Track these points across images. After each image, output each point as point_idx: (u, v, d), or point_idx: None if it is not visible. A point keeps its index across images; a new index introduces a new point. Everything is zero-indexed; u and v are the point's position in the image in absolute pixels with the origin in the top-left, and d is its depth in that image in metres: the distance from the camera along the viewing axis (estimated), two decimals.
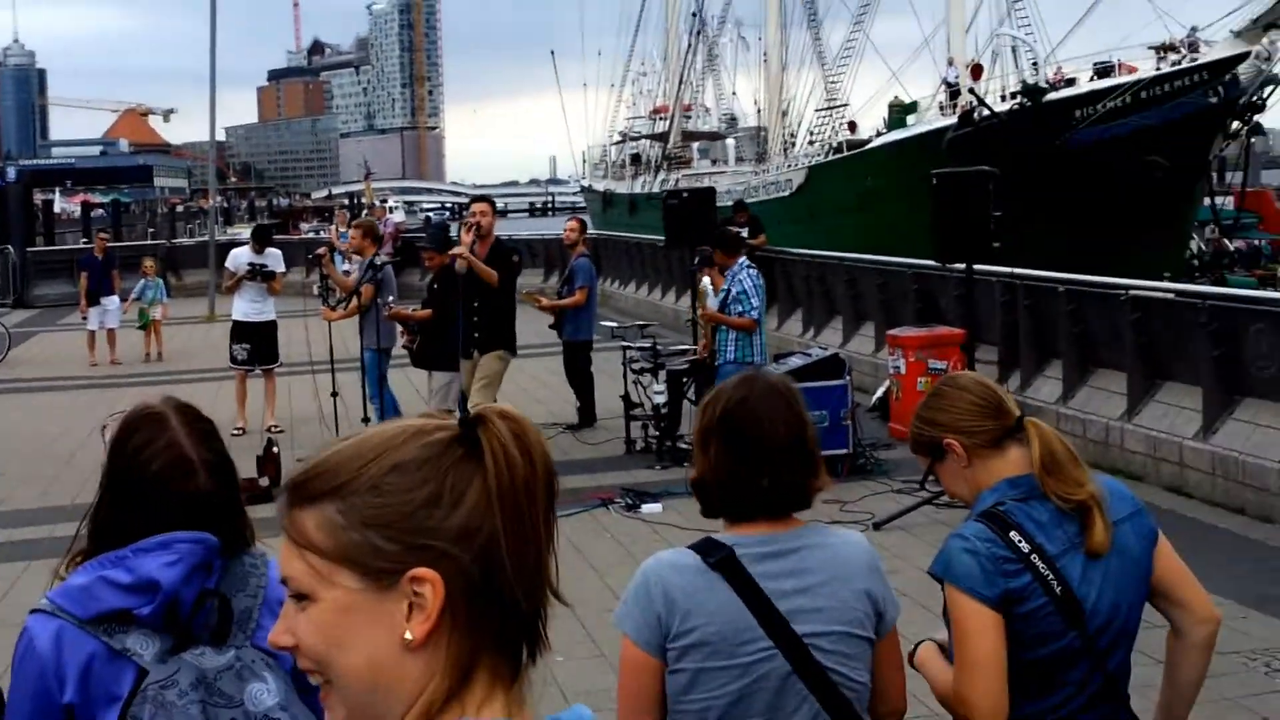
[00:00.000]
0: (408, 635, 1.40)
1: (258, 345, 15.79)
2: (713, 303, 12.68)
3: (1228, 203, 43.43)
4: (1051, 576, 3.12)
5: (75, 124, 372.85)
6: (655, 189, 67.30)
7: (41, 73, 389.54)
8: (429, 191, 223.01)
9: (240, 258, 15.97)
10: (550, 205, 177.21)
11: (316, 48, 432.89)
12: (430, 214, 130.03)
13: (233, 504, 2.70)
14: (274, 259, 15.99)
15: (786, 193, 49.71)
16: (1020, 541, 3.14)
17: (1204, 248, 43.97)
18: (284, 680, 2.55)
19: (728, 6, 71.12)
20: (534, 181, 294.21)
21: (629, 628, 3.04)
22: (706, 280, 12.90)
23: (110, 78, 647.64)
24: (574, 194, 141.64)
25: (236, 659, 2.49)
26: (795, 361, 12.79)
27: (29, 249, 37.02)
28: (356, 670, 1.42)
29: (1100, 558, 3.17)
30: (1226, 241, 46.45)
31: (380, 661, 1.42)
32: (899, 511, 10.81)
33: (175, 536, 2.50)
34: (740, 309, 11.91)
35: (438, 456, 1.43)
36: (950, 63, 42.31)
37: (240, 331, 15.85)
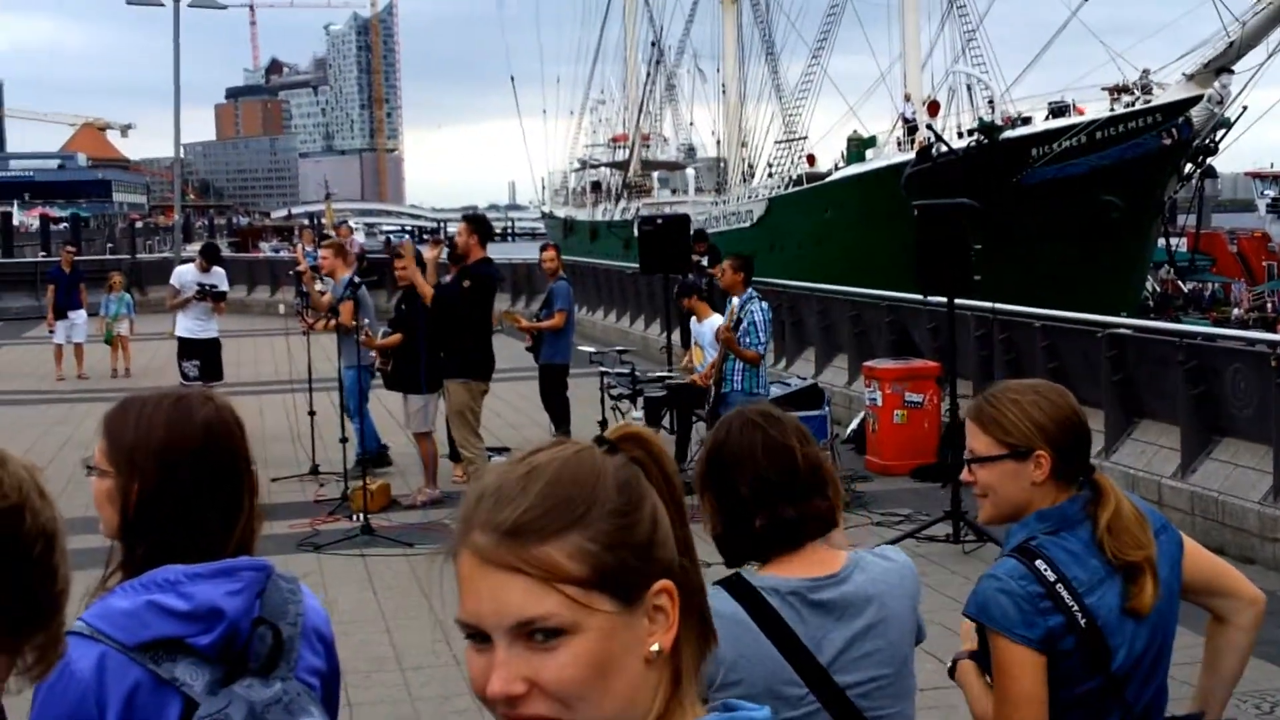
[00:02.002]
0: (655, 648, 1.44)
1: (205, 362, 15.79)
2: (701, 331, 12.74)
3: (1181, 244, 43.98)
4: (1080, 615, 3.07)
5: (32, 137, 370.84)
6: (616, 216, 67.48)
7: None
8: (388, 214, 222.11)
9: (185, 275, 16.05)
10: (510, 231, 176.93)
11: (274, 67, 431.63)
12: (390, 235, 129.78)
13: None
14: (220, 278, 16.11)
15: (747, 224, 49.99)
16: (1054, 580, 3.08)
17: (1157, 289, 44.54)
18: (325, 714, 2.49)
19: (685, 38, 71.50)
20: (493, 206, 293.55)
21: None
22: (735, 301, 12.69)
23: (67, 91, 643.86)
24: (534, 220, 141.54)
25: (284, 692, 2.40)
26: (774, 391, 12.88)
27: None
28: (619, 694, 1.42)
29: (1143, 616, 3.13)
30: (1180, 283, 47.07)
31: (634, 680, 1.44)
32: (880, 545, 10.88)
33: (238, 563, 2.43)
34: (749, 341, 11.97)
35: (631, 475, 1.48)
36: (907, 98, 42.79)
37: (187, 348, 15.87)
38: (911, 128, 40.36)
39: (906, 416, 13.86)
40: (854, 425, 15.18)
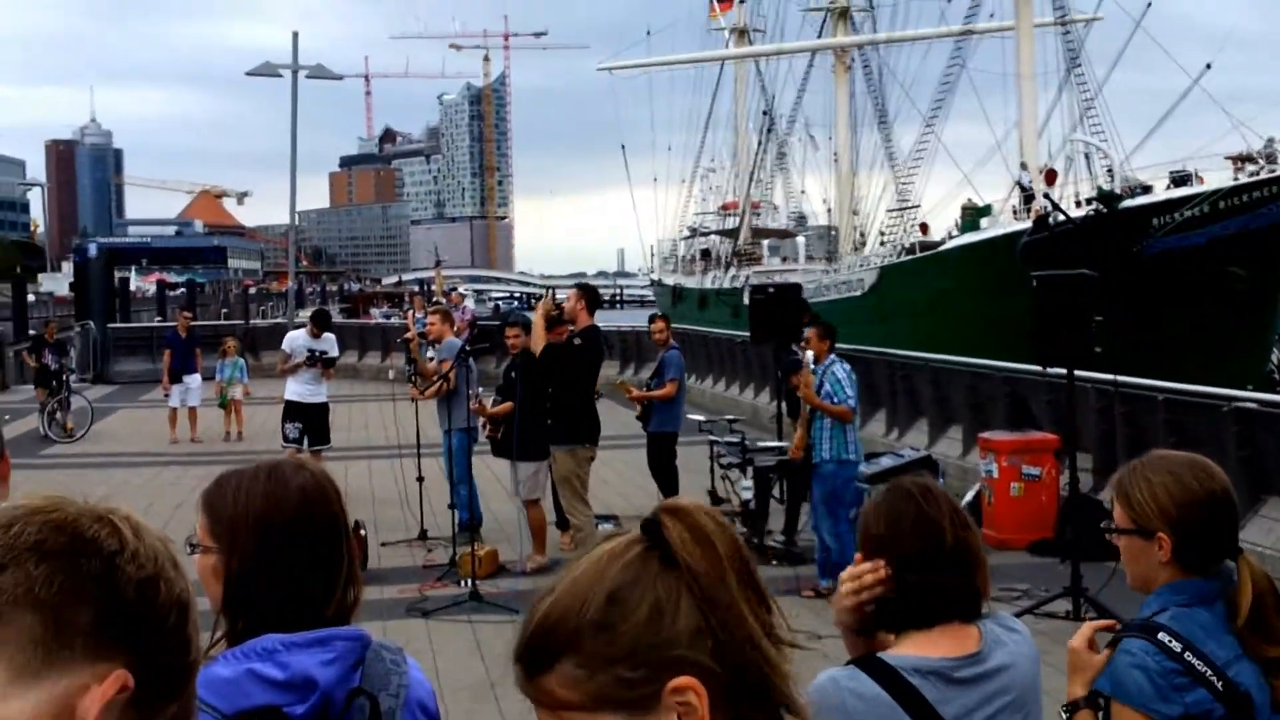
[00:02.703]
0: None
1: (309, 425, 15.91)
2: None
3: None
4: (1220, 682, 2.96)
5: (150, 204, 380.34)
6: (725, 284, 67.54)
7: (118, 152, 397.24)
8: (497, 280, 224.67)
9: (297, 340, 16.21)
10: (619, 298, 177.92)
11: (388, 135, 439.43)
12: (499, 302, 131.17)
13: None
14: (330, 344, 16.27)
15: (858, 292, 49.72)
16: (1180, 649, 2.99)
17: None
18: None
19: (797, 106, 71.61)
20: (601, 273, 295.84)
21: None
22: (809, 354, 12.46)
23: (184, 159, 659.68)
24: (642, 287, 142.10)
25: None
26: (886, 462, 12.66)
27: (110, 325, 37.55)
28: None
29: None
30: None
31: None
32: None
33: (333, 633, 2.43)
34: (836, 399, 11.76)
35: (640, 573, 1.47)
36: (1024, 167, 42.34)
37: (292, 411, 16.03)
38: (1028, 196, 39.90)
39: (1023, 489, 13.55)
40: (969, 497, 14.85)
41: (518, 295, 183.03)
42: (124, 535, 1.28)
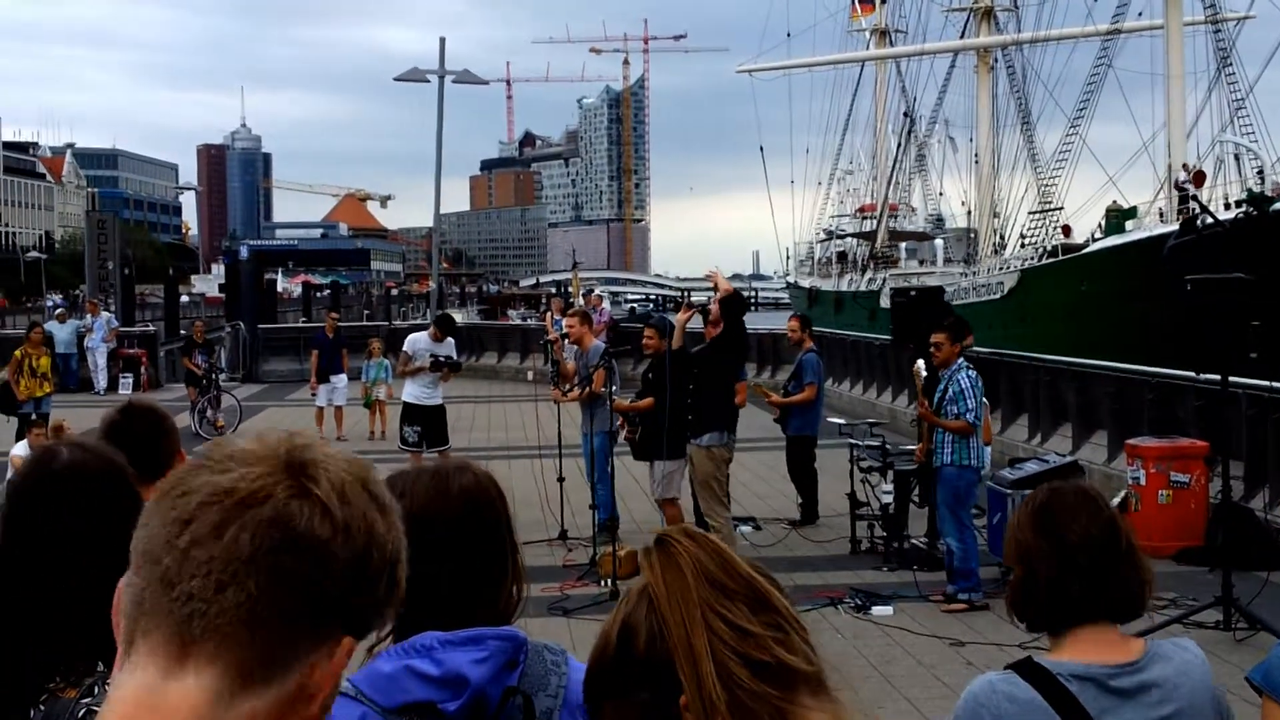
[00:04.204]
0: None
1: (428, 428, 16.07)
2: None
3: None
4: None
5: (297, 207, 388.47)
6: (862, 287, 67.02)
7: (266, 156, 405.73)
8: (633, 283, 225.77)
9: (419, 343, 16.39)
10: (754, 300, 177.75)
11: (528, 139, 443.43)
12: (635, 305, 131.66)
13: None
14: (451, 348, 16.44)
15: (997, 295, 49.02)
16: None
17: None
18: None
19: (938, 108, 70.79)
20: (736, 276, 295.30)
21: None
22: (920, 363, 12.42)
23: (330, 163, 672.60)
24: (778, 290, 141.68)
25: None
26: (1031, 467, 12.52)
27: (260, 325, 38.38)
28: None
29: None
30: None
31: None
32: (1147, 629, 10.36)
33: (485, 632, 2.46)
34: (956, 410, 11.59)
35: (637, 604, 1.60)
36: (1185, 168, 41.26)
37: (411, 413, 16.23)
38: (1184, 197, 38.67)
39: (1172, 497, 13.28)
40: (1115, 502, 14.61)
41: (653, 297, 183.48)
42: (333, 512, 1.25)
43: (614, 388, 13.72)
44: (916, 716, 8.61)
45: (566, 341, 15.27)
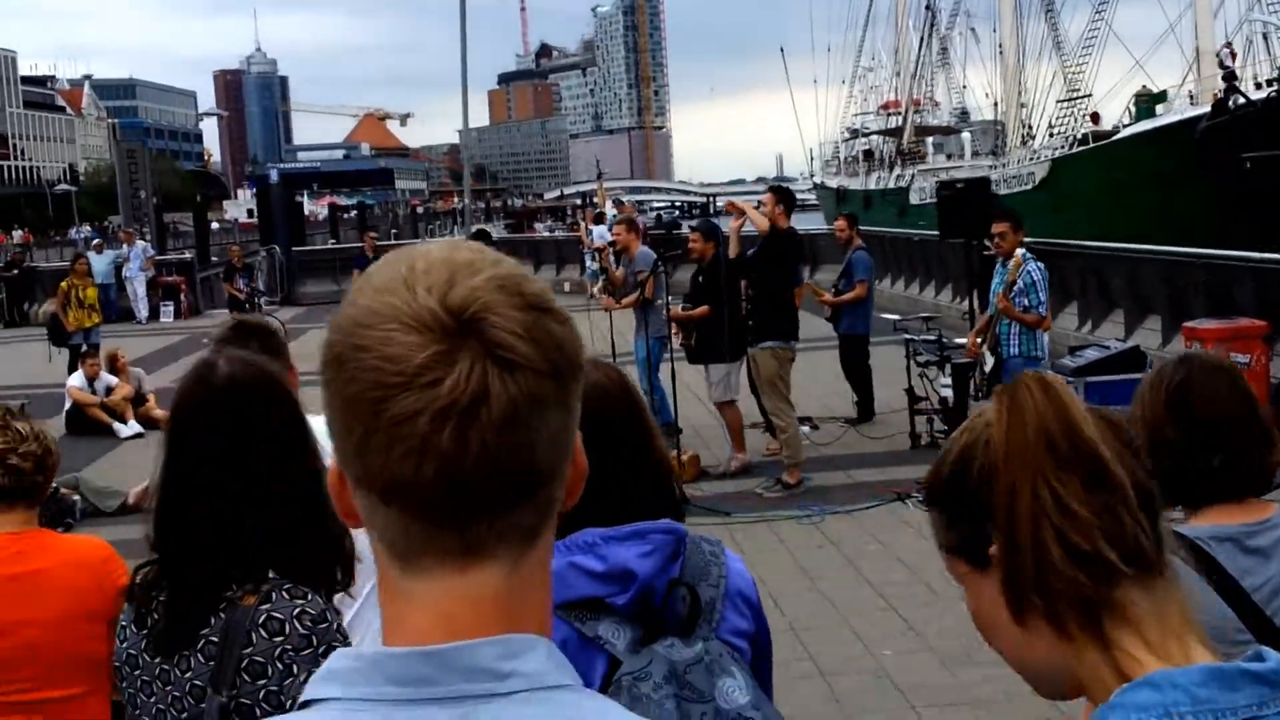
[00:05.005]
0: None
1: None
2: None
3: None
4: None
5: (316, 129, 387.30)
6: (890, 184, 66.59)
7: (283, 80, 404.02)
8: (657, 190, 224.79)
9: None
10: (759, 204, 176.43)
11: (544, 51, 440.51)
12: (660, 212, 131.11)
13: None
14: None
15: (1028, 186, 48.61)
16: None
17: None
18: (751, 677, 2.48)
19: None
20: (760, 179, 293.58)
21: None
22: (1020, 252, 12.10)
23: (346, 84, 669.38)
24: (804, 191, 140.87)
25: (705, 652, 2.42)
26: (1091, 354, 12.45)
27: (294, 249, 38.40)
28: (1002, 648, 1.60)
29: None
30: None
31: (1013, 639, 1.56)
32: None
33: (648, 526, 2.47)
34: (1027, 302, 11.51)
35: (979, 436, 1.58)
36: (1228, 45, 40.51)
37: None
38: (1228, 75, 37.81)
39: None
40: None
41: (678, 205, 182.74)
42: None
43: (666, 295, 13.66)
44: None
45: (613, 249, 15.22)
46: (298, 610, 2.69)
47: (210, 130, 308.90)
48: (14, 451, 3.78)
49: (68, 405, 16.84)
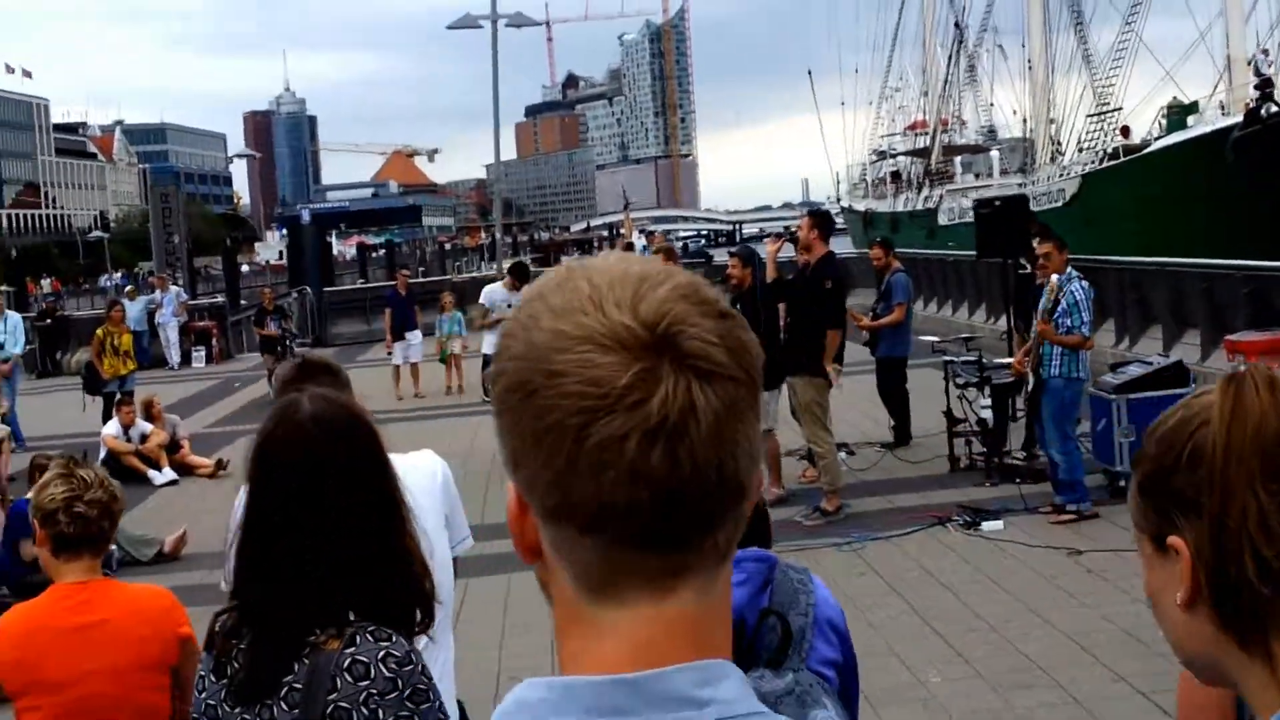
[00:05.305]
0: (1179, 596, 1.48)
1: None
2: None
3: None
4: None
5: (344, 168, 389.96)
6: (918, 206, 66.44)
7: (312, 119, 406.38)
8: (684, 219, 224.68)
9: (496, 295, 16.38)
10: (788, 229, 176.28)
11: (570, 81, 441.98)
12: (688, 241, 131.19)
13: None
14: None
15: (1060, 203, 48.43)
16: None
17: None
18: (842, 707, 2.42)
19: (987, 16, 69.85)
20: (787, 204, 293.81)
21: None
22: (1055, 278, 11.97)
23: (374, 122, 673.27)
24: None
25: (796, 683, 2.37)
26: (1134, 370, 12.28)
27: (325, 289, 38.51)
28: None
29: None
30: None
31: (1177, 624, 1.51)
32: None
33: (740, 554, 2.38)
34: (1070, 323, 11.35)
35: (1186, 418, 1.53)
36: (1265, 53, 40.25)
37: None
38: (1263, 82, 37.42)
39: None
40: None
41: (705, 233, 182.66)
42: None
43: None
44: (1047, 629, 8.51)
45: None
46: (382, 653, 2.64)
47: (240, 172, 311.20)
48: (79, 499, 3.80)
49: (103, 454, 16.82)
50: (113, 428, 17.22)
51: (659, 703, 1.08)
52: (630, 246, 36.70)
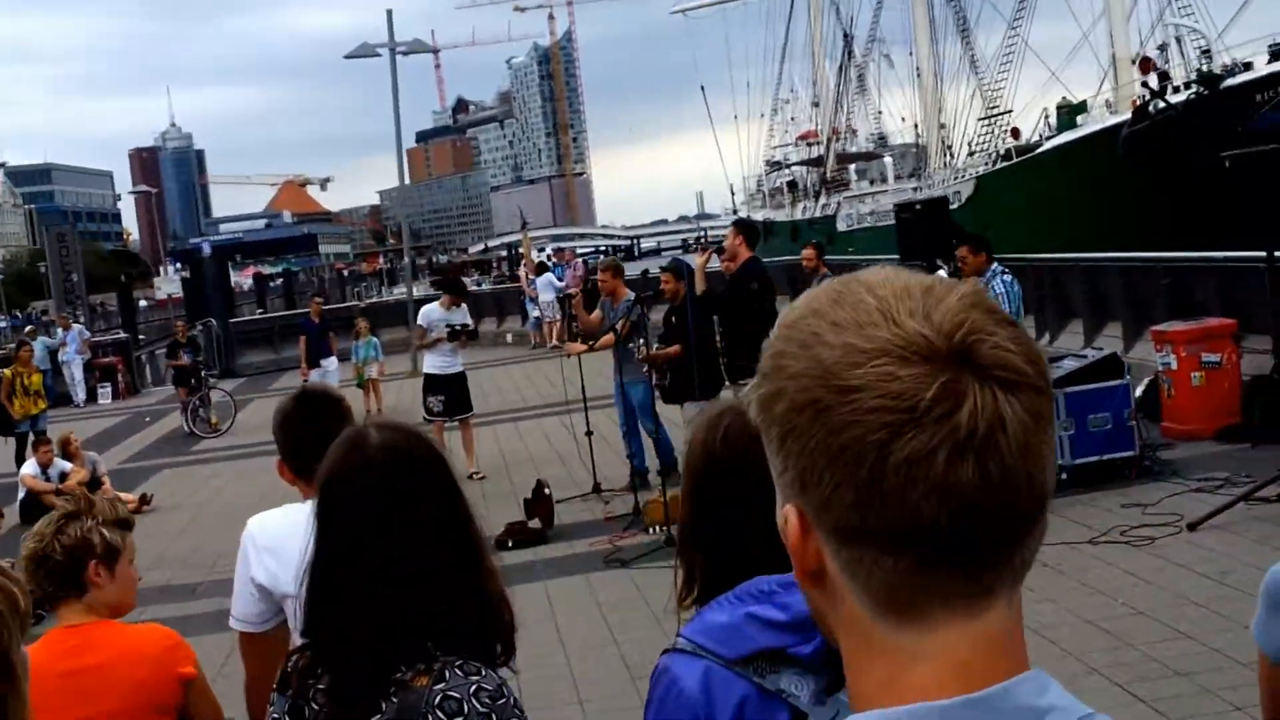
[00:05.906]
0: None
1: (451, 397, 16.03)
2: None
3: None
4: None
5: (235, 200, 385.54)
6: (816, 214, 67.02)
7: (199, 153, 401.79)
8: (581, 236, 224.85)
9: (433, 314, 16.28)
10: (703, 240, 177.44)
11: (461, 106, 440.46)
12: (585, 258, 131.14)
13: None
14: (464, 314, 16.40)
15: (955, 205, 48.94)
16: None
17: None
18: None
19: (874, 26, 70.85)
20: (683, 218, 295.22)
21: (1263, 642, 2.78)
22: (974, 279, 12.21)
23: (263, 152, 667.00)
24: (727, 227, 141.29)
25: None
26: (1069, 364, 12.37)
27: (230, 320, 38.06)
28: None
29: None
30: None
31: None
32: (1212, 511, 10.31)
33: None
34: None
35: None
36: (1162, 49, 41.03)
37: (433, 384, 16.19)
38: (1162, 75, 38.01)
39: (1204, 378, 13.22)
40: (1139, 392, 14.54)
41: (603, 249, 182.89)
42: None
43: (641, 338, 13.51)
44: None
45: (602, 296, 15.02)
46: (474, 687, 2.53)
47: (128, 209, 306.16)
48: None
49: (21, 494, 16.51)
50: (30, 468, 16.84)
51: (1012, 716, 1.05)
52: (543, 266, 36.41)
